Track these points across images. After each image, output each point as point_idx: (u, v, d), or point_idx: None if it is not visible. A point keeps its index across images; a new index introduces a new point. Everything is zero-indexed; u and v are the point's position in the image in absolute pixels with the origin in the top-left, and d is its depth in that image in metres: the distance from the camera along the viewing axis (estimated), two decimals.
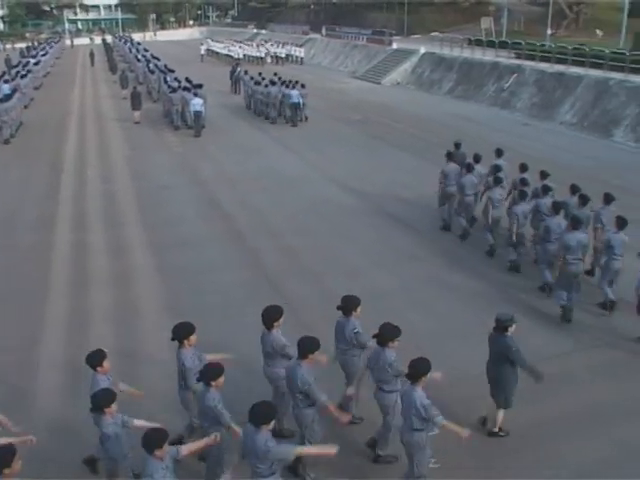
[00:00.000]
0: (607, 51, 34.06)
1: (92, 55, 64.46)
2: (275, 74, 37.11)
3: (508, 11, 54.84)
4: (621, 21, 42.08)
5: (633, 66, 31.43)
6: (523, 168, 15.52)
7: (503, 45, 42.78)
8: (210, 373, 7.54)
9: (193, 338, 8.58)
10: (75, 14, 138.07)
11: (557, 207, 12.91)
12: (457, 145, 18.26)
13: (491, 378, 8.90)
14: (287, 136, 29.30)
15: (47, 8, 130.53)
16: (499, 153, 17.07)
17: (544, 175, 15.11)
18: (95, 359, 8.06)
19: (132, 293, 13.71)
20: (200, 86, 32.02)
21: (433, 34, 56.88)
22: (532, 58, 38.29)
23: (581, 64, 34.33)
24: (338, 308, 9.01)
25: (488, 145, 19.75)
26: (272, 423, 6.78)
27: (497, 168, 16.01)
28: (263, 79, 35.11)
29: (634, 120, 28.31)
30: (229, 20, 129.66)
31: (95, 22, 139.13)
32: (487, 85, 39.28)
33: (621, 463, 8.52)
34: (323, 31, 71.29)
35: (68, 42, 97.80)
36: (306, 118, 32.82)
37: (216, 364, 7.72)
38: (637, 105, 28.66)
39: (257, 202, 19.76)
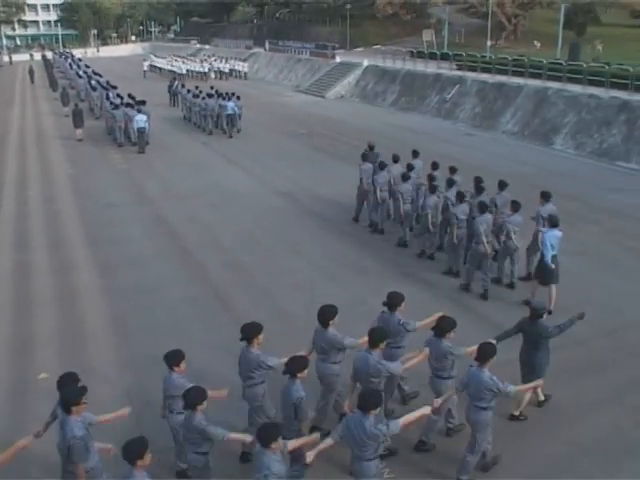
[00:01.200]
0: (545, 61, 34.89)
1: (31, 72, 63.33)
2: (212, 87, 38.35)
3: (449, 24, 55.82)
4: (557, 33, 43.22)
5: (570, 75, 32.25)
6: (434, 166, 16.86)
7: (445, 57, 43.47)
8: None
9: (261, 337, 8.93)
10: (13, 30, 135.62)
11: (461, 196, 14.39)
12: (371, 147, 19.65)
13: (524, 362, 9.51)
14: (232, 151, 29.20)
15: None
16: (415, 154, 18.63)
17: (452, 170, 16.51)
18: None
19: (78, 313, 13.43)
20: (143, 102, 31.73)
21: (376, 47, 57.54)
22: (473, 69, 38.99)
23: (521, 74, 35.07)
24: (384, 304, 9.45)
25: (431, 155, 19.98)
26: (379, 409, 7.24)
27: (410, 167, 17.14)
28: (200, 92, 36.08)
29: (573, 128, 29.01)
30: (172, 35, 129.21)
31: (34, 38, 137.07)
32: (430, 96, 39.81)
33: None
34: (266, 45, 71.44)
35: (6, 59, 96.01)
36: (238, 130, 33.61)
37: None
38: (575, 113, 29.39)
39: (204, 218, 19.62)
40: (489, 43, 47.08)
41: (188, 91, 37.88)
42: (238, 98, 34.17)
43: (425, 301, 13.16)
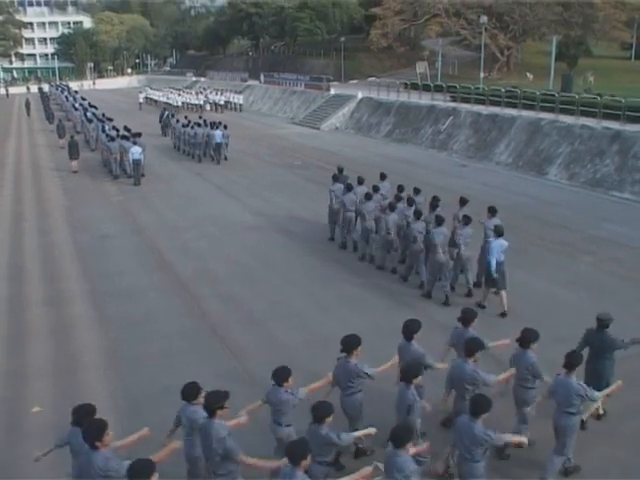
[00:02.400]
0: (538, 93, 35.19)
1: (28, 104, 63.69)
2: (200, 117, 40.03)
3: (442, 56, 56.37)
4: (549, 64, 43.69)
5: (562, 107, 32.50)
6: (400, 189, 18.09)
7: (439, 89, 43.80)
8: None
9: (360, 349, 9.03)
10: (10, 63, 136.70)
11: (418, 214, 15.72)
12: (340, 170, 21.06)
13: (591, 370, 9.88)
14: (227, 182, 29.27)
15: None
16: (382, 177, 20.04)
17: (416, 191, 18.00)
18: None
19: (71, 346, 13.34)
20: (139, 135, 31.87)
21: (370, 79, 57.86)
22: (467, 101, 39.30)
23: (514, 106, 35.34)
24: (458, 319, 10.00)
25: (425, 186, 20.07)
26: (486, 414, 7.52)
27: (375, 188, 18.50)
28: (189, 122, 37.38)
29: (566, 158, 29.19)
30: (168, 68, 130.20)
31: (31, 71, 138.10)
32: (424, 128, 40.08)
33: None
34: (262, 78, 71.99)
35: (2, 91, 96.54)
36: (226, 158, 34.90)
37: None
38: (568, 144, 29.60)
39: (198, 249, 19.60)
40: (482, 75, 47.54)
41: (177, 121, 39.51)
42: (225, 127, 35.28)
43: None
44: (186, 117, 40.27)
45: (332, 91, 54.49)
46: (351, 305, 15.11)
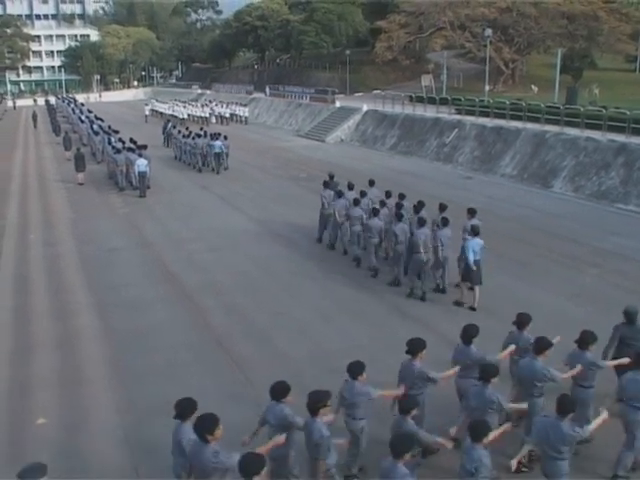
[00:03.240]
0: (543, 105, 35.21)
1: (35, 117, 64.04)
2: (201, 129, 41.61)
3: (447, 69, 56.52)
4: (554, 77, 43.77)
5: (567, 119, 32.54)
6: (387, 194, 19.23)
7: (444, 101, 43.88)
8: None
9: (424, 353, 9.32)
10: (18, 75, 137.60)
11: (400, 216, 16.67)
12: (331, 177, 22.21)
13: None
14: (232, 195, 29.33)
15: None
16: (371, 183, 20.92)
17: (401, 196, 18.56)
18: None
19: (77, 357, 13.36)
20: (144, 147, 32.00)
21: (375, 92, 58.10)
22: (472, 113, 39.34)
23: (519, 118, 35.36)
24: (514, 323, 10.27)
25: (431, 199, 20.11)
26: (571, 414, 7.81)
27: (362, 194, 19.39)
28: (190, 133, 38.59)
29: (571, 171, 29.19)
30: (173, 81, 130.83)
31: (38, 83, 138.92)
32: (429, 140, 40.15)
33: None
34: (267, 90, 72.23)
35: (10, 103, 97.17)
36: (225, 168, 35.76)
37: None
38: (573, 156, 29.61)
39: (204, 261, 19.63)
40: (487, 87, 47.60)
41: (179, 132, 40.73)
42: (225, 138, 36.30)
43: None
44: (187, 128, 41.80)
45: (337, 104, 54.63)
46: (352, 315, 15.11)
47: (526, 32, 57.37)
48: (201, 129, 40.96)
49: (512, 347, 9.99)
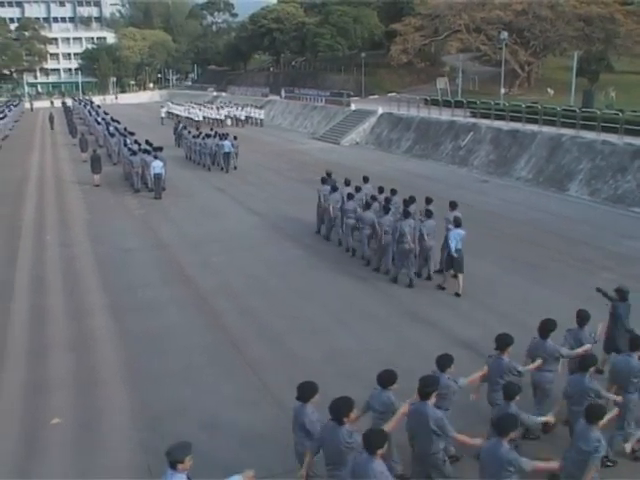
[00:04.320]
0: (559, 108, 35.07)
1: (52, 118, 64.47)
2: (211, 129, 44.09)
3: (462, 72, 56.42)
4: (570, 80, 43.57)
5: (583, 122, 32.38)
6: (380, 190, 20.61)
7: (459, 104, 43.77)
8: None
9: (510, 349, 9.63)
10: (35, 77, 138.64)
11: (387, 209, 17.89)
12: (329, 174, 23.68)
13: (610, 338, 11.55)
14: (248, 197, 29.39)
15: (7, 72, 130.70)
16: (365, 179, 22.54)
17: (393, 192, 20.08)
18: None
19: (92, 358, 13.43)
20: (160, 149, 32.14)
21: (390, 94, 58.07)
22: (487, 116, 39.22)
23: (534, 121, 35.22)
24: (577, 322, 10.58)
25: (445, 202, 20.07)
26: None
27: (357, 189, 20.97)
28: (200, 133, 40.37)
29: (587, 174, 29.05)
30: (189, 83, 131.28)
31: (55, 85, 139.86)
32: (444, 143, 40.07)
33: None
34: (282, 93, 72.35)
35: (28, 105, 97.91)
36: (235, 167, 36.75)
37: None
38: (589, 160, 29.46)
39: (218, 263, 19.67)
40: (503, 90, 47.47)
41: (189, 132, 42.54)
42: (235, 138, 37.75)
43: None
44: (197, 128, 43.49)
45: (352, 106, 54.64)
46: (367, 319, 15.11)
47: (542, 35, 57.15)
48: (211, 129, 43.43)
49: (590, 345, 10.25)
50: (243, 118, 63.74)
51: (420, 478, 8.47)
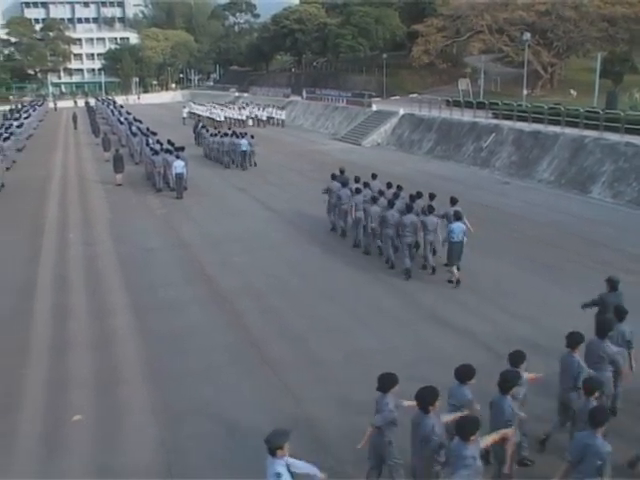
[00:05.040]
0: (582, 110, 34.79)
1: (75, 118, 64.98)
2: (229, 128, 46.09)
3: (485, 73, 56.14)
4: (594, 81, 43.21)
5: (607, 124, 32.08)
6: (388, 186, 21.50)
7: (481, 105, 43.57)
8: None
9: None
10: (59, 77, 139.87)
11: (392, 204, 18.60)
12: (341, 171, 24.44)
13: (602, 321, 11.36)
14: (269, 197, 29.46)
15: (31, 72, 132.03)
16: (373, 176, 23.38)
17: (399, 188, 20.85)
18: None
19: (113, 357, 13.54)
20: (182, 149, 32.31)
21: (412, 95, 57.90)
22: (509, 118, 39.01)
23: (557, 123, 34.95)
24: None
25: (467, 203, 20.08)
26: None
27: (365, 185, 21.92)
28: (218, 132, 41.84)
29: (610, 177, 28.81)
30: (211, 83, 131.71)
31: (79, 85, 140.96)
32: (466, 145, 39.92)
33: None
34: (304, 94, 72.41)
35: (51, 105, 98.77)
36: (255, 164, 38.08)
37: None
38: (612, 162, 29.21)
39: (239, 263, 19.75)
40: (525, 92, 47.16)
41: (207, 131, 44.27)
42: (252, 137, 38.88)
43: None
44: (215, 127, 46.45)
45: (374, 107, 54.59)
46: (387, 319, 15.11)
47: (565, 36, 56.71)
48: (229, 128, 45.50)
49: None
50: (265, 119, 63.88)
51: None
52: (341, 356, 13.16)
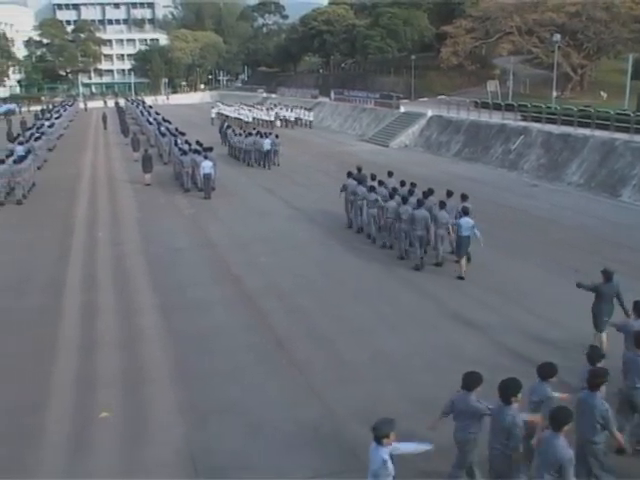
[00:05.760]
0: (612, 112, 34.43)
1: (105, 118, 65.57)
2: (254, 128, 47.87)
3: (513, 74, 55.77)
4: (625, 83, 42.70)
5: (638, 127, 31.72)
6: (402, 184, 22.41)
7: (509, 107, 43.29)
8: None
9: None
10: (89, 78, 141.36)
11: (405, 200, 19.63)
12: (359, 169, 25.99)
13: (596, 313, 12.82)
14: (296, 198, 29.51)
15: (63, 73, 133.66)
16: (389, 174, 24.66)
17: (413, 185, 21.90)
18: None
19: (140, 356, 13.65)
20: (210, 149, 32.48)
21: (440, 97, 57.67)
22: (538, 120, 38.73)
23: (587, 125, 34.64)
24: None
25: (494, 205, 19.95)
26: None
27: (380, 183, 22.78)
28: (243, 132, 43.38)
29: None
30: (239, 84, 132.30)
31: (109, 86, 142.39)
32: (494, 147, 39.69)
33: None
34: (332, 95, 72.44)
35: (82, 105, 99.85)
36: (278, 164, 38.90)
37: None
38: None
39: (266, 264, 19.81)
40: (555, 94, 46.73)
41: (233, 131, 44.93)
42: (277, 136, 40.33)
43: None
44: (241, 127, 48.97)
45: (402, 109, 54.46)
46: (413, 320, 15.07)
47: (596, 37, 56.09)
48: (253, 128, 47.21)
49: None
50: (292, 119, 64.03)
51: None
52: (366, 357, 13.15)
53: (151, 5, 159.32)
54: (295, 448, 10.02)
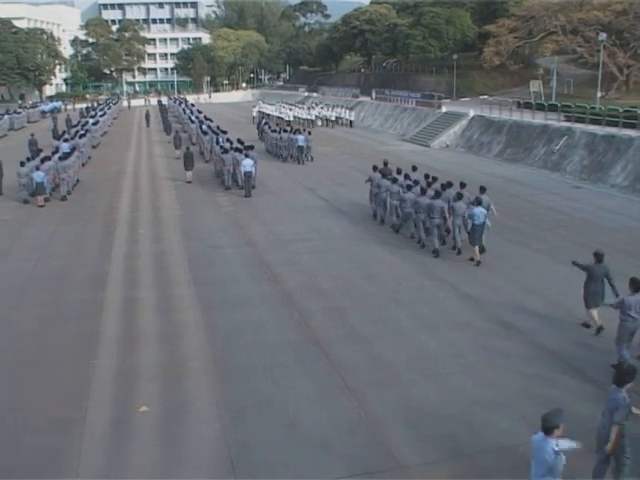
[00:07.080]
0: None
1: (148, 116, 66.38)
2: (288, 124, 51.33)
3: (557, 74, 55.06)
4: None
5: None
6: (414, 169, 25.89)
7: (552, 108, 42.77)
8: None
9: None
10: (133, 77, 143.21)
11: (423, 191, 21.26)
12: (385, 163, 27.47)
13: (589, 293, 14.02)
14: (336, 197, 29.53)
15: (107, 71, 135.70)
16: (414, 168, 26.26)
17: (434, 178, 23.31)
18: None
19: (180, 351, 13.78)
20: (251, 147, 32.65)
21: (482, 97, 57.21)
22: (582, 121, 38.20)
23: (632, 126, 34.09)
24: None
25: (537, 207, 19.74)
26: None
27: (406, 176, 24.49)
28: (279, 128, 44.27)
29: None
30: (281, 83, 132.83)
31: (152, 84, 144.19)
32: (537, 148, 39.23)
33: None
34: (373, 94, 72.32)
35: (126, 103, 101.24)
36: (312, 159, 40.58)
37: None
38: None
39: (305, 262, 19.86)
40: (599, 94, 46.06)
41: (269, 127, 46.60)
42: (309, 133, 41.76)
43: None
44: (277, 124, 50.38)
45: (443, 109, 54.14)
46: (454, 324, 14.99)
47: None
48: (288, 125, 50.71)
49: None
50: (333, 119, 64.09)
51: None
52: (404, 359, 13.10)
53: (194, 4, 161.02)
54: (330, 447, 10.05)
